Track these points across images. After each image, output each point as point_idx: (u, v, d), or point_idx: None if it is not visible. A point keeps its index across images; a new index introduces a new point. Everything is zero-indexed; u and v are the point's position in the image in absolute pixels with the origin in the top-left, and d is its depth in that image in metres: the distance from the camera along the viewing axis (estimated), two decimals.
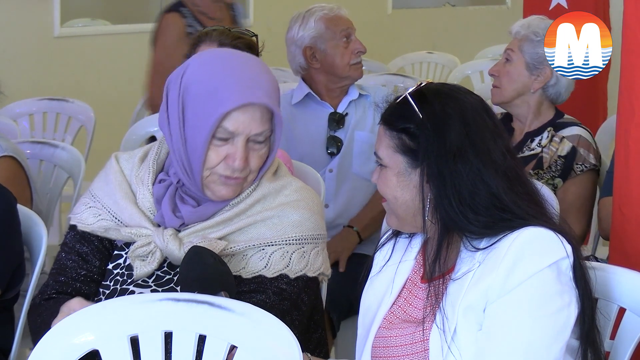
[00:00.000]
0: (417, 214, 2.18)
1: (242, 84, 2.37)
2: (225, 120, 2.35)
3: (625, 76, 2.87)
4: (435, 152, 2.12)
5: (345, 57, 3.91)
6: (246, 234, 2.43)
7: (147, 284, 2.41)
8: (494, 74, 3.65)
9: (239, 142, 2.37)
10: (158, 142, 2.56)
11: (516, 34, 3.62)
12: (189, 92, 2.39)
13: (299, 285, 2.41)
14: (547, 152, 3.56)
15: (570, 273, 2.09)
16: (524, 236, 2.08)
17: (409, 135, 2.16)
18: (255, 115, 2.37)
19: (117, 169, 2.53)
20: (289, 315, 2.37)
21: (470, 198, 2.11)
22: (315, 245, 2.45)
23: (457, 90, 2.21)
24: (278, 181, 2.50)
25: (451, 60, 6.81)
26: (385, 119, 2.22)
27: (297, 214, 2.44)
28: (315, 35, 3.94)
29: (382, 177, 2.21)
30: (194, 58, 2.47)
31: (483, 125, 2.15)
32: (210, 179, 2.41)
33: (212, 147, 2.38)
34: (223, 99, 2.34)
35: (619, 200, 2.88)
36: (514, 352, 2.04)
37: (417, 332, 2.16)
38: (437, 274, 2.16)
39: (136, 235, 2.42)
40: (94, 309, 2.08)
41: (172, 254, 2.38)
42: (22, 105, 4.97)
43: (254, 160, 2.41)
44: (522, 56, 3.59)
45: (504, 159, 2.15)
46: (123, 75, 6.74)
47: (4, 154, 3.36)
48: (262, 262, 2.40)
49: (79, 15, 6.96)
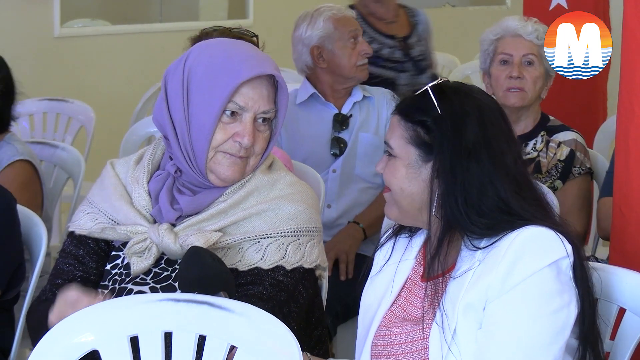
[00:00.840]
0: (423, 208, 2.18)
1: (251, 58, 2.43)
2: (235, 95, 2.39)
3: (625, 76, 2.87)
4: (450, 148, 2.13)
5: (352, 58, 3.92)
6: (241, 227, 2.44)
7: (145, 281, 2.42)
8: (519, 76, 3.62)
9: (247, 119, 2.41)
10: (153, 144, 2.58)
11: (535, 39, 3.60)
12: (194, 74, 2.42)
13: (296, 277, 2.42)
14: (544, 157, 3.58)
15: (570, 272, 2.09)
16: (524, 235, 2.08)
17: (424, 129, 2.16)
18: (262, 92, 2.42)
19: (113, 174, 2.55)
20: (286, 307, 2.38)
21: (477, 199, 2.11)
22: (311, 237, 2.46)
23: (475, 90, 2.23)
24: (272, 174, 2.51)
25: (451, 61, 6.81)
26: (401, 110, 2.21)
27: (292, 207, 2.45)
28: (323, 35, 3.95)
29: (390, 167, 2.21)
30: (193, 48, 2.51)
31: (498, 128, 2.17)
32: (215, 160, 2.43)
33: (220, 124, 2.41)
34: (234, 73, 2.39)
35: (619, 201, 2.88)
36: (513, 351, 2.04)
37: (417, 331, 2.16)
38: (437, 272, 2.16)
39: (132, 233, 2.43)
40: (94, 309, 2.08)
41: (168, 248, 2.39)
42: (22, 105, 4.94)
43: (258, 142, 2.44)
44: (543, 62, 3.58)
45: (515, 163, 2.16)
46: (123, 75, 6.73)
47: (20, 157, 3.37)
48: (257, 254, 2.41)
49: (79, 15, 6.95)
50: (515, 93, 3.61)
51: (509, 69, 3.62)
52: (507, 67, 3.63)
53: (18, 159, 3.36)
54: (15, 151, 3.37)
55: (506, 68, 3.63)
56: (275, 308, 2.34)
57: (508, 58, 3.63)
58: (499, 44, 3.66)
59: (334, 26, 3.95)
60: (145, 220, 2.45)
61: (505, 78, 3.62)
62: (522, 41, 3.62)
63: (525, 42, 3.62)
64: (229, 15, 7.90)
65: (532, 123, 3.65)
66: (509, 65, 3.63)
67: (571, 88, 4.50)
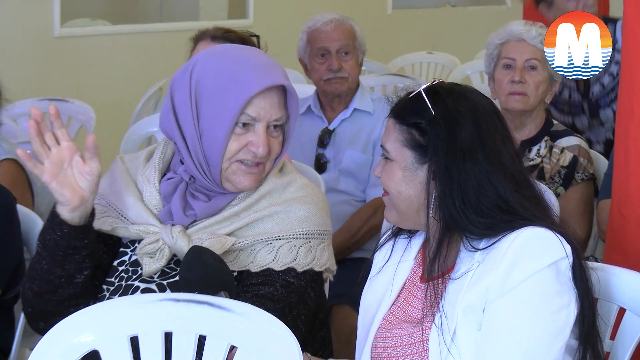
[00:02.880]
0: (421, 210, 2.18)
1: (260, 69, 2.42)
2: (247, 107, 2.38)
3: (625, 76, 2.87)
4: (445, 149, 2.13)
5: (319, 72, 3.96)
6: (254, 229, 2.44)
7: (153, 279, 2.42)
8: (521, 81, 3.60)
9: (260, 129, 2.41)
10: (163, 142, 2.57)
11: (539, 43, 3.59)
12: (203, 86, 2.41)
13: (306, 279, 2.42)
14: (548, 163, 3.57)
15: (570, 273, 2.09)
16: (523, 236, 2.08)
17: (419, 131, 2.16)
18: (273, 101, 2.41)
19: (123, 169, 2.55)
20: (296, 309, 2.38)
21: (475, 199, 2.11)
22: (322, 240, 2.47)
23: (469, 90, 2.22)
24: (284, 177, 2.51)
25: (451, 60, 6.81)
26: (396, 113, 2.21)
27: (304, 210, 2.45)
28: (302, 49, 4.03)
29: (386, 171, 2.21)
30: (198, 56, 2.48)
31: (494, 127, 2.16)
32: (230, 170, 2.43)
33: (233, 136, 2.40)
34: (245, 85, 2.38)
35: (618, 201, 2.88)
36: (513, 352, 2.04)
37: (417, 332, 2.16)
38: (437, 273, 2.16)
39: (144, 233, 2.42)
40: (94, 309, 2.08)
41: (181, 251, 2.38)
42: (22, 105, 4.96)
43: (273, 148, 2.45)
44: (546, 67, 3.57)
45: (513, 162, 2.16)
46: (123, 75, 6.73)
47: (6, 156, 3.36)
48: (269, 255, 2.41)
49: (79, 15, 6.95)
50: (517, 97, 3.60)
51: (511, 73, 3.61)
52: (509, 71, 3.62)
53: (4, 157, 3.35)
54: (1, 150, 3.36)
55: (509, 72, 3.62)
56: (285, 309, 2.34)
57: (511, 62, 3.62)
58: (503, 48, 3.65)
59: (307, 40, 4.01)
60: (156, 220, 2.44)
61: (508, 82, 3.60)
62: (525, 45, 3.61)
63: (529, 46, 3.60)
64: (229, 15, 7.91)
65: (536, 128, 3.64)
66: (511, 69, 3.62)
67: None
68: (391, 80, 5.80)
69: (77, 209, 2.33)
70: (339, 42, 3.97)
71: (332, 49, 3.96)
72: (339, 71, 3.93)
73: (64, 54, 6.45)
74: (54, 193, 2.32)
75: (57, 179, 2.30)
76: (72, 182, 2.31)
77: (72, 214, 2.33)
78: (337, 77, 3.93)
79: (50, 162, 2.31)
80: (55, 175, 2.30)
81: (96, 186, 2.34)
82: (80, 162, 2.32)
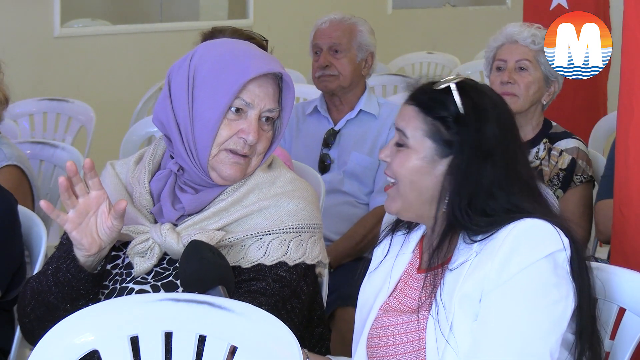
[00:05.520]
0: (428, 203, 2.18)
1: (258, 57, 2.45)
2: (242, 91, 2.40)
3: (625, 76, 2.87)
4: (470, 147, 2.13)
5: (314, 69, 4.01)
6: (243, 225, 2.44)
7: (147, 280, 2.42)
8: (510, 82, 3.60)
9: (252, 116, 2.43)
10: (153, 145, 2.59)
11: (530, 44, 3.59)
12: (200, 70, 2.43)
13: (298, 273, 2.42)
14: (547, 165, 3.57)
15: (568, 266, 2.09)
16: (521, 227, 2.09)
17: (445, 125, 2.16)
18: (269, 91, 2.43)
19: (113, 174, 2.56)
20: (289, 303, 2.38)
21: (483, 202, 2.12)
22: (312, 234, 2.47)
23: (487, 88, 2.23)
24: (272, 172, 2.53)
25: (451, 60, 6.81)
26: (420, 102, 2.20)
27: (293, 204, 2.46)
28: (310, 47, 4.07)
29: (400, 157, 2.20)
30: (199, 47, 2.51)
31: (512, 127, 2.18)
32: (217, 159, 2.43)
33: (225, 121, 2.42)
34: (242, 70, 2.40)
35: (619, 201, 2.88)
36: (509, 342, 2.04)
37: (412, 322, 2.17)
38: (436, 264, 2.16)
39: (134, 232, 2.43)
40: (94, 309, 2.08)
41: (171, 248, 2.39)
42: (22, 105, 4.97)
43: (261, 141, 2.46)
44: (539, 67, 3.57)
45: (526, 167, 2.17)
46: (123, 75, 6.73)
47: (8, 163, 3.35)
48: (260, 250, 2.41)
49: (79, 15, 6.95)
50: (507, 98, 3.59)
51: (502, 74, 3.62)
52: (500, 73, 3.63)
53: (5, 164, 3.34)
54: (3, 156, 3.35)
55: (500, 74, 3.62)
56: (278, 304, 2.35)
57: (502, 64, 3.62)
58: (498, 51, 3.66)
59: (311, 39, 4.06)
60: (146, 220, 2.45)
61: (499, 84, 3.61)
62: (517, 47, 3.61)
63: (520, 47, 3.60)
64: (229, 15, 7.91)
65: (533, 130, 3.63)
66: (502, 71, 3.62)
67: (571, 88, 4.50)
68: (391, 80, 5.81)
69: (93, 255, 2.36)
70: (331, 39, 3.99)
71: (324, 46, 3.99)
72: (327, 68, 3.94)
73: (64, 54, 6.45)
74: (73, 240, 2.35)
75: (79, 229, 2.33)
76: (93, 231, 2.34)
77: (87, 259, 2.37)
78: (325, 75, 3.95)
79: (75, 212, 2.32)
80: (78, 224, 2.33)
81: (115, 240, 2.37)
82: (105, 212, 2.33)
